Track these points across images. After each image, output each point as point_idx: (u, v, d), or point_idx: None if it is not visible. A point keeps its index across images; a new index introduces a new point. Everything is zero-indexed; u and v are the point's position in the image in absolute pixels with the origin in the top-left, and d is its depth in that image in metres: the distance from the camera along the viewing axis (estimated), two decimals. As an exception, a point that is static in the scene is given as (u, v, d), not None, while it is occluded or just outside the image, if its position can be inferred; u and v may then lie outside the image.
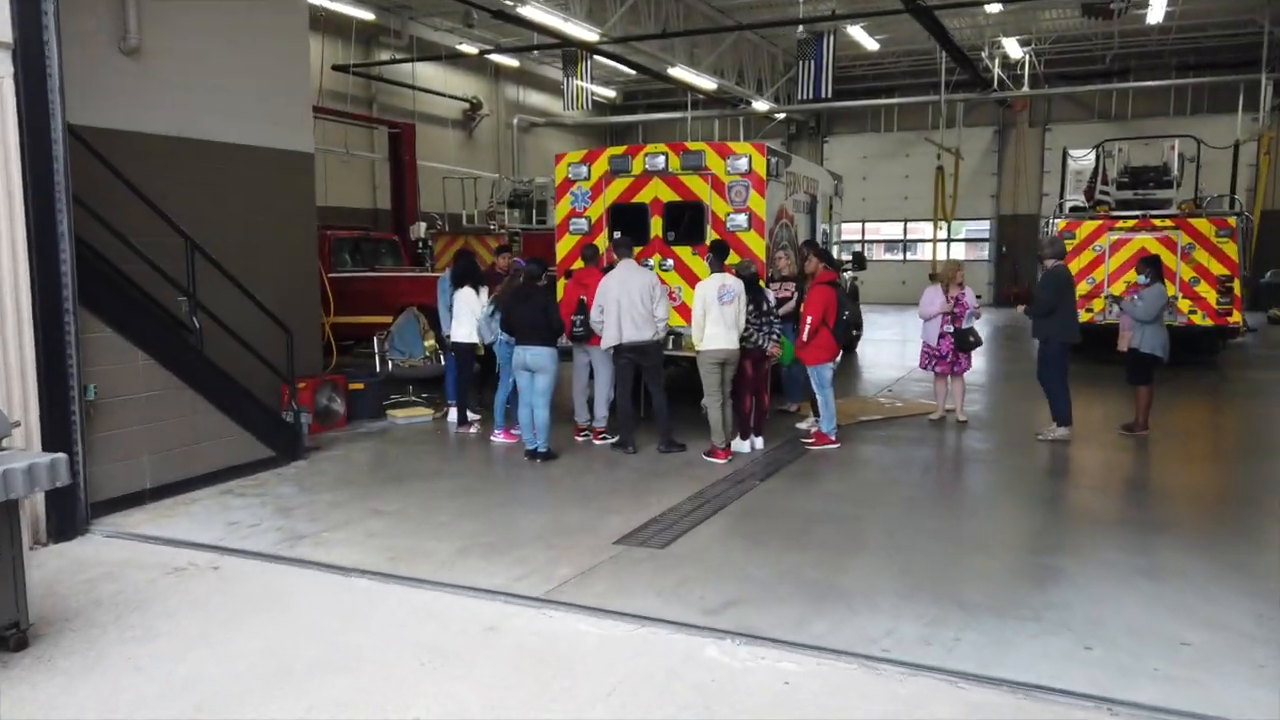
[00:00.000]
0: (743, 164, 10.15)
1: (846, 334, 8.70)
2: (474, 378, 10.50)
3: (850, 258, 15.43)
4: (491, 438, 8.87)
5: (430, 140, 23.21)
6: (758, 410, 8.62)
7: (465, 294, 9.13)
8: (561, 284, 10.49)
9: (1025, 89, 24.92)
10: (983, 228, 28.87)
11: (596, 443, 8.78)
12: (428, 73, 23.25)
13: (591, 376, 8.90)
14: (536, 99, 27.93)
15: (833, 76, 19.25)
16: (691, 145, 10.43)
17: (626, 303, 8.18)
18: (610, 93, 29.07)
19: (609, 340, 8.24)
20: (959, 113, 25.79)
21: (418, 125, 23.14)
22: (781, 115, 27.71)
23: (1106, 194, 15.31)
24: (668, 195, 10.36)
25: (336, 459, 8.09)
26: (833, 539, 5.90)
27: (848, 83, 26.79)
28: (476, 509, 6.58)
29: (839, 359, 8.88)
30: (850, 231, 24.87)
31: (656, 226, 10.41)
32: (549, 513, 6.53)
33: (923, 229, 29.68)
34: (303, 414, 8.89)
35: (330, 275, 12.93)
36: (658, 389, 8.40)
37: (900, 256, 29.91)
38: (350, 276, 13.06)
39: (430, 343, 10.35)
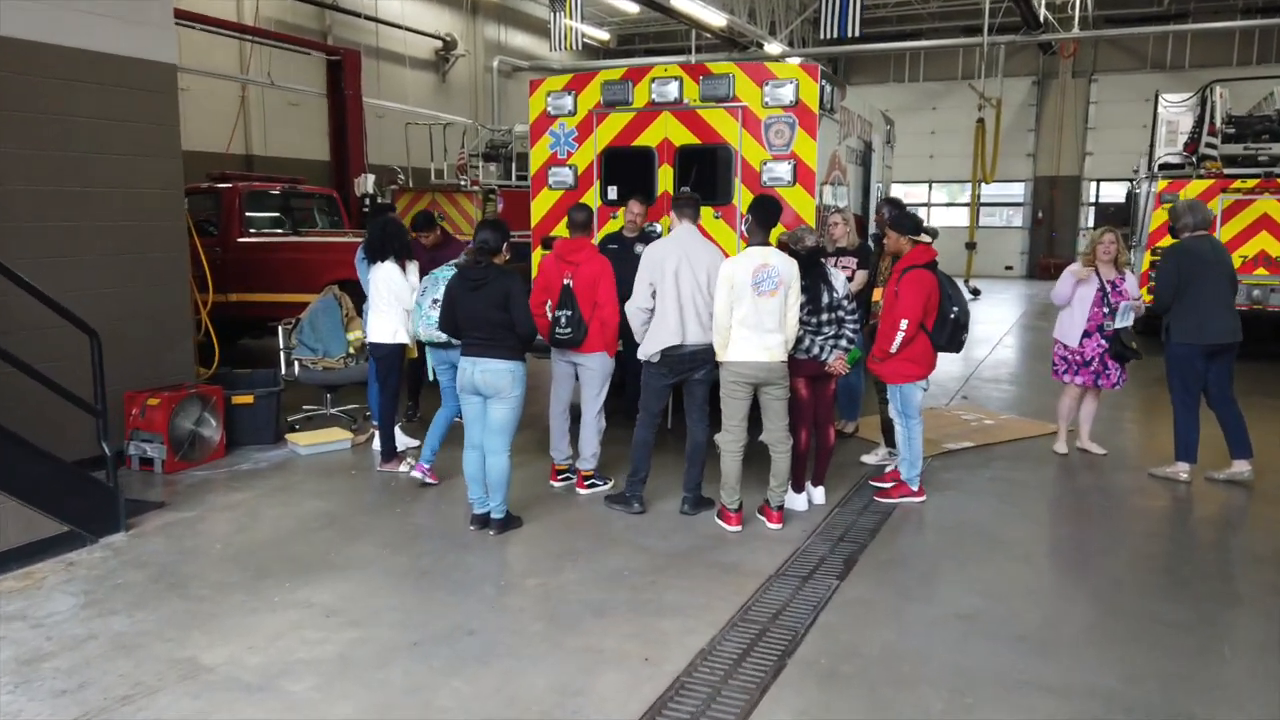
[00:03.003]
0: (786, 93, 7.34)
1: (956, 339, 5.91)
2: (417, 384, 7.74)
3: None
4: (413, 472, 6.14)
5: (397, 83, 20.21)
6: (819, 449, 5.85)
7: (386, 273, 6.27)
8: (537, 256, 7.73)
9: (1075, 30, 21.87)
10: (1016, 191, 25.93)
11: (582, 492, 6.02)
12: (394, 5, 20.14)
13: (573, 388, 6.14)
14: (520, 40, 24.79)
15: (860, 14, 16.53)
16: (716, 67, 7.57)
17: (691, 286, 5.40)
18: (604, 34, 25.91)
19: (663, 341, 5.45)
20: (1000, 57, 22.71)
21: (381, 65, 20.21)
22: (797, 61, 24.60)
23: (1213, 147, 12.46)
24: (682, 136, 7.53)
25: (179, 530, 5.26)
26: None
27: (868, 25, 23.72)
28: (368, 659, 3.79)
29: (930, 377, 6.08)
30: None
31: (666, 179, 7.60)
32: (493, 668, 3.74)
33: (944, 192, 26.87)
34: (150, 447, 6.10)
35: (241, 240, 10.11)
36: (703, 418, 5.65)
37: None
38: (268, 242, 10.18)
39: (356, 335, 7.53)
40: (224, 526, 5.28)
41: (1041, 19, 20.99)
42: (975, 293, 19.88)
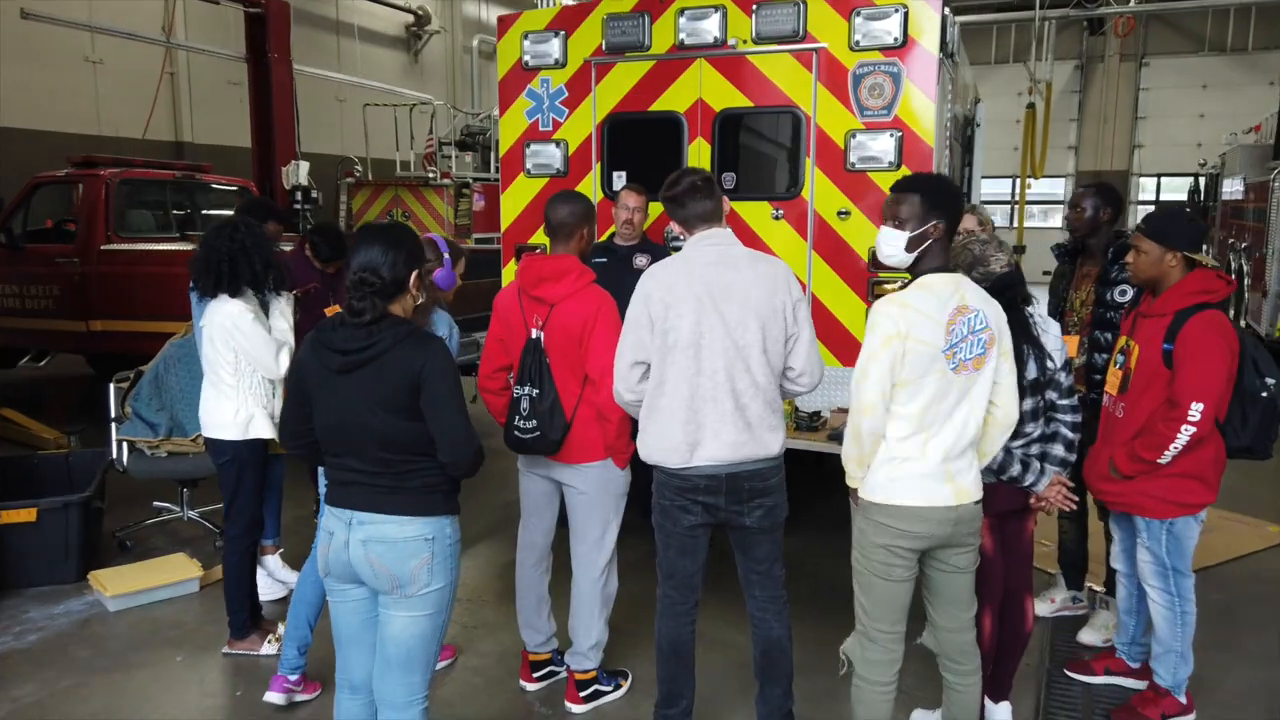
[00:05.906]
0: (890, 26, 4.70)
1: (1266, 435, 3.25)
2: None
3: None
4: (270, 693, 3.38)
5: (361, 61, 17.60)
6: (1007, 639, 3.21)
7: (229, 318, 3.54)
8: (509, 273, 5.17)
9: (1132, 4, 19.32)
10: (1055, 188, 23.34)
11: (577, 710, 3.37)
12: (357, -28, 17.58)
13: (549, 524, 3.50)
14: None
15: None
16: (777, -12, 4.90)
17: (723, 354, 2.75)
18: (597, 12, 23.29)
19: (655, 454, 2.84)
20: (1050, 33, 20.10)
21: (342, 41, 17.63)
22: (815, 40, 22.05)
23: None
24: (725, 96, 4.90)
25: None
26: None
27: (891, 2, 21.22)
28: None
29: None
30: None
31: (700, 160, 4.97)
32: None
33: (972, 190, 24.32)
34: None
35: (108, 248, 7.43)
36: (776, 597, 2.99)
37: (954, 224, 24.42)
38: (142, 251, 7.48)
39: (228, 398, 4.84)
40: None
41: (1094, -8, 18.54)
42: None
